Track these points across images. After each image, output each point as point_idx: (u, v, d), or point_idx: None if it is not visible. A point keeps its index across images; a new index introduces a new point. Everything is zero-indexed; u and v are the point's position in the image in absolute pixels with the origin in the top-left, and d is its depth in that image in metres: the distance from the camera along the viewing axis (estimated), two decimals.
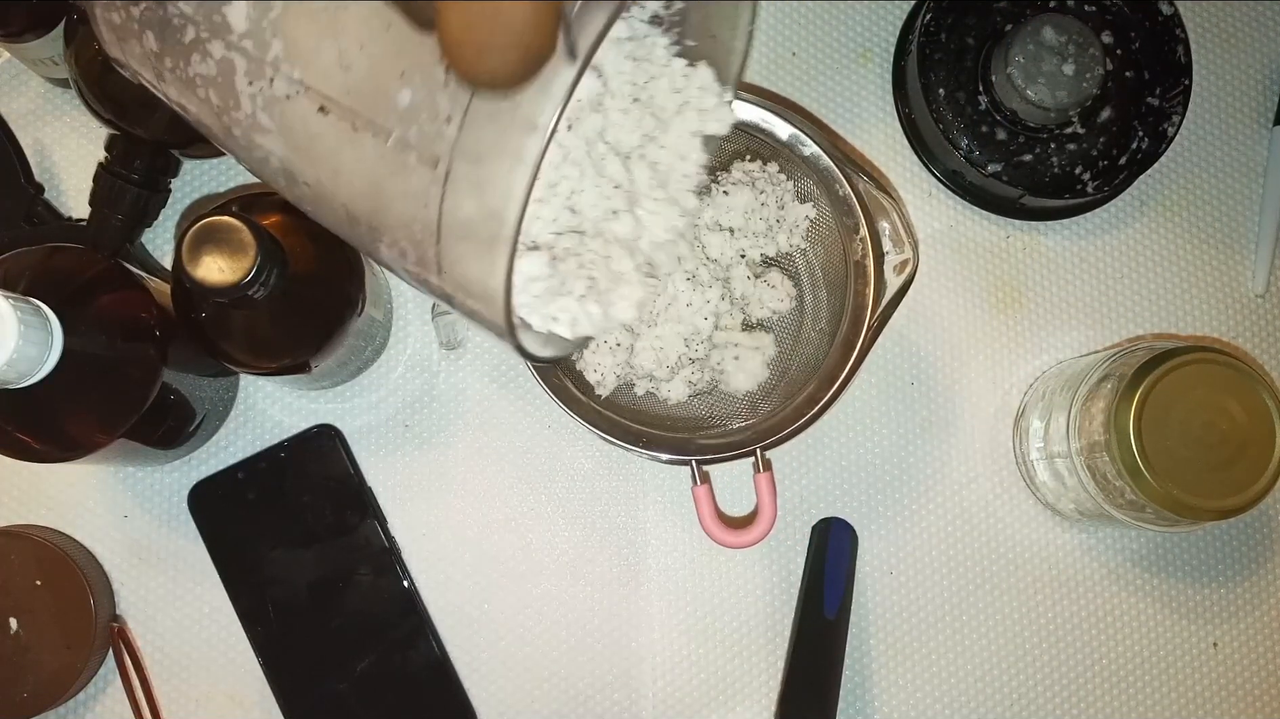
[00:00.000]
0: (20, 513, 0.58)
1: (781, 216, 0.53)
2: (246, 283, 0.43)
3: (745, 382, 0.54)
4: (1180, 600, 0.61)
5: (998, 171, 0.60)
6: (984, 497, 0.61)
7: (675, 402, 0.54)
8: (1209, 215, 0.64)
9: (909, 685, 0.59)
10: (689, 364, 0.53)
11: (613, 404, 0.54)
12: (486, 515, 0.59)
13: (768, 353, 0.54)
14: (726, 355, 0.54)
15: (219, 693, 0.57)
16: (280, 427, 0.59)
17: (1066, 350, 0.62)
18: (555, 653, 0.58)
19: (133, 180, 0.55)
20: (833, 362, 0.51)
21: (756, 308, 0.55)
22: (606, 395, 0.53)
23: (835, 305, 0.54)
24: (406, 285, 0.60)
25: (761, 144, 0.53)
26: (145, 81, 0.40)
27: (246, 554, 0.57)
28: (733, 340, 0.54)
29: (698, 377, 0.54)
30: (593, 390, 0.53)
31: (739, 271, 0.54)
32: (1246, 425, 0.52)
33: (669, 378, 0.53)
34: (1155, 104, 0.61)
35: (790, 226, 0.54)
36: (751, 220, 0.52)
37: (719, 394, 0.56)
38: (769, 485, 0.51)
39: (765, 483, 0.51)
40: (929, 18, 0.61)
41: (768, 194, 0.53)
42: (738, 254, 0.53)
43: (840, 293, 0.54)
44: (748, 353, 0.54)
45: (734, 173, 0.53)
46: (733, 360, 0.54)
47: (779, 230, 0.54)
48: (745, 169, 0.53)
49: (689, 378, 0.54)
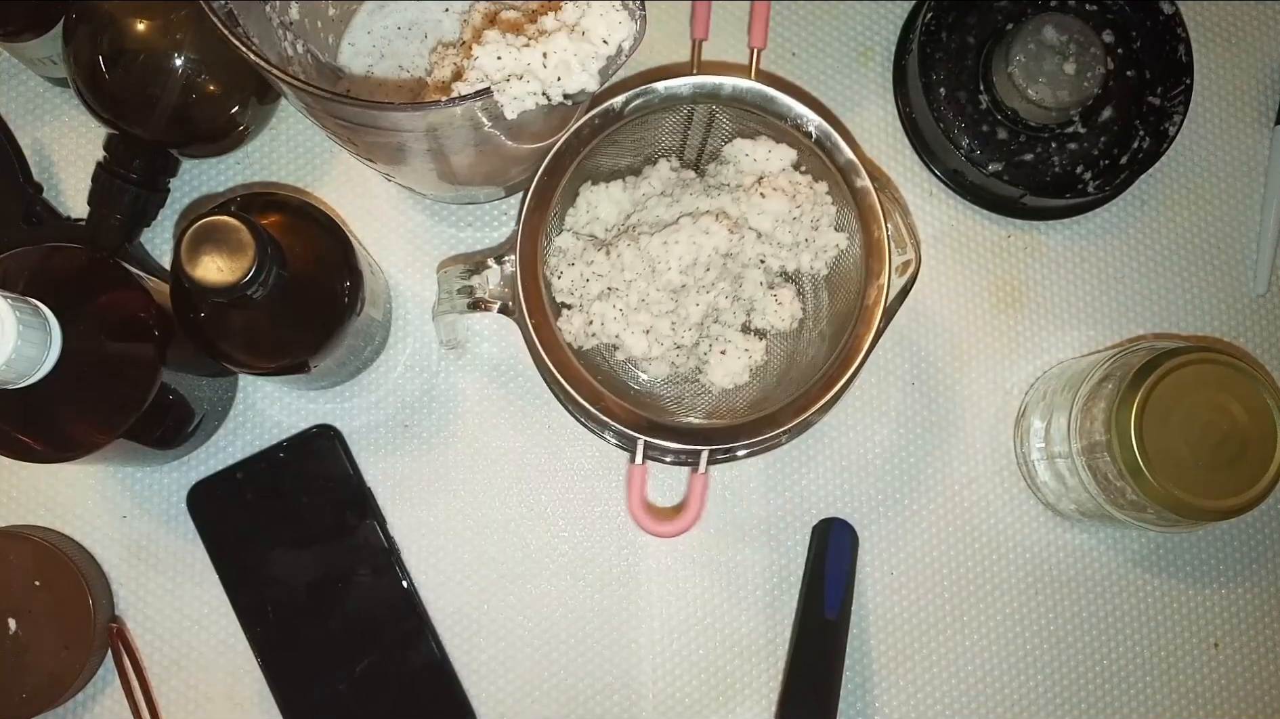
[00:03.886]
0: (19, 513, 0.58)
1: (813, 237, 0.53)
2: (245, 283, 0.43)
3: (723, 379, 0.54)
4: (1181, 601, 0.60)
5: (999, 171, 0.60)
6: (985, 497, 0.61)
7: (652, 379, 0.54)
8: (1210, 215, 0.64)
9: (910, 686, 0.59)
10: (675, 349, 0.53)
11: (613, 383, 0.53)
12: (486, 515, 0.59)
13: (755, 358, 0.54)
14: (714, 348, 0.54)
15: (218, 693, 0.57)
16: (279, 427, 0.59)
17: (1067, 350, 0.62)
18: (555, 653, 0.58)
19: (131, 180, 0.55)
20: (834, 363, 0.51)
21: (759, 317, 0.55)
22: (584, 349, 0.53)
23: (837, 306, 0.54)
24: (406, 286, 0.60)
25: (819, 163, 0.52)
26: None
27: (245, 554, 0.57)
28: (726, 336, 0.54)
29: (681, 360, 0.54)
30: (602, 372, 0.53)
31: (754, 275, 0.53)
32: (1248, 425, 0.52)
33: (659, 356, 0.53)
34: (1156, 103, 0.61)
35: (817, 250, 0.53)
36: (780, 230, 0.52)
37: (697, 383, 0.55)
38: (702, 485, 0.51)
39: (699, 483, 0.51)
40: (930, 17, 0.60)
41: (804, 210, 0.52)
42: (758, 258, 0.53)
43: (842, 294, 0.54)
44: (735, 352, 0.54)
45: (780, 178, 0.53)
46: (718, 355, 0.54)
47: (805, 250, 0.53)
48: (793, 178, 0.53)
49: (673, 359, 0.53)
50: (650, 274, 0.50)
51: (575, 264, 0.51)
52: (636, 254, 0.50)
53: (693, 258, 0.50)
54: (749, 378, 0.54)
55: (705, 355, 0.54)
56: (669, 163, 0.55)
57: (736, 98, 0.51)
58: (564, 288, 0.52)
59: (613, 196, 0.53)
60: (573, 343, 0.51)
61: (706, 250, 0.50)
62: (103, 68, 0.53)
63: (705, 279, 0.51)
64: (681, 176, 0.55)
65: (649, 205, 0.53)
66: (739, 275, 0.53)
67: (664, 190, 0.54)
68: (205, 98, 0.55)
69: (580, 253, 0.52)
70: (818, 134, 0.51)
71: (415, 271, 0.61)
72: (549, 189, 0.51)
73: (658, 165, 0.54)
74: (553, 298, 0.52)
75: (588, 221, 0.53)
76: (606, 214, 0.53)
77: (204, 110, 0.55)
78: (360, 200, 0.61)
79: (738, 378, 0.54)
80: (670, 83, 0.51)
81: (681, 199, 0.52)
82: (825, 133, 0.51)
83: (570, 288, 0.51)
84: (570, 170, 0.51)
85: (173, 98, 0.54)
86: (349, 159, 0.61)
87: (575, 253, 0.52)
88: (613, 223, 0.53)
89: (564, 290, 0.52)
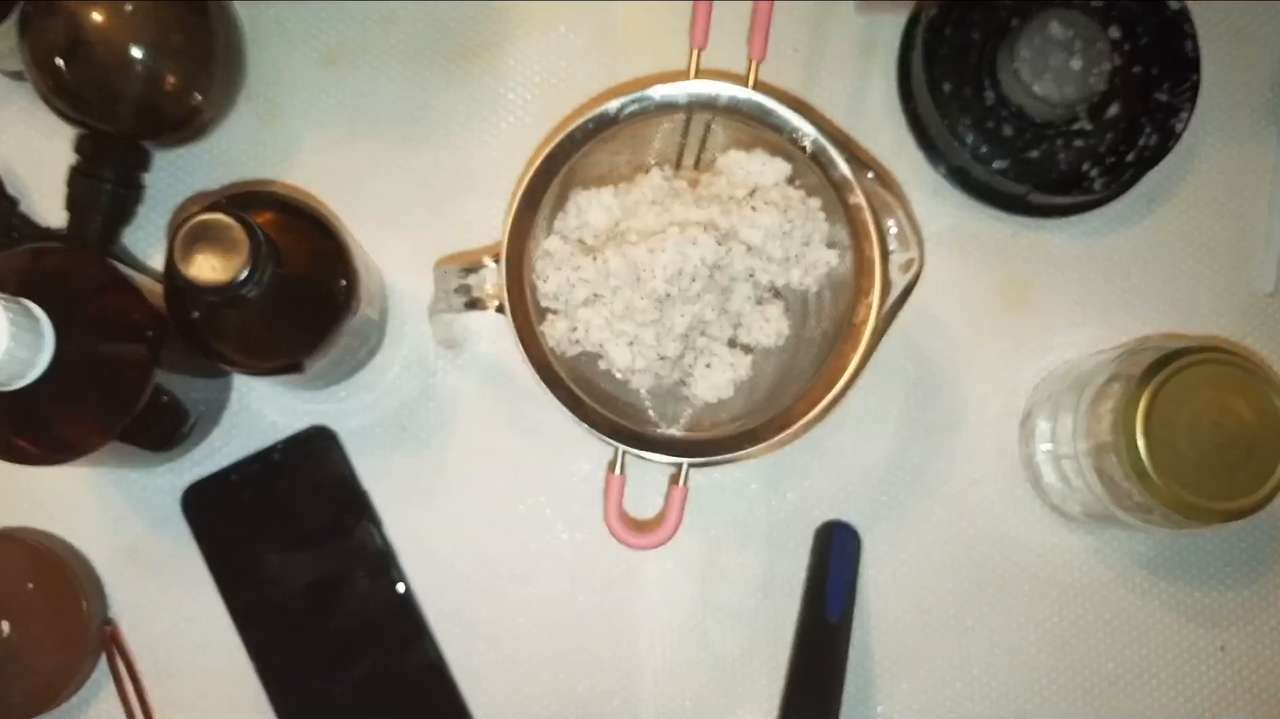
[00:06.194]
0: (11, 515, 0.57)
1: (804, 253, 0.53)
2: (239, 281, 0.43)
3: (708, 392, 0.53)
4: (1188, 603, 0.60)
5: (1004, 168, 0.59)
6: (989, 498, 0.60)
7: (636, 390, 0.54)
8: (1218, 212, 0.63)
9: (913, 689, 0.59)
10: (659, 360, 0.52)
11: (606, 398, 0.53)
12: (484, 517, 0.59)
13: (740, 373, 0.54)
14: (700, 361, 0.53)
15: (213, 696, 0.57)
16: (275, 428, 0.58)
17: (1073, 350, 0.62)
18: (554, 656, 0.58)
19: (106, 179, 0.55)
20: (819, 381, 0.50)
21: (745, 332, 0.54)
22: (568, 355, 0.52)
23: (825, 324, 0.53)
24: (402, 285, 0.60)
25: (814, 178, 0.52)
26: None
27: (241, 556, 0.57)
28: (712, 349, 0.54)
29: (666, 372, 0.53)
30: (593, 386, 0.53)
31: (743, 289, 0.53)
32: (1255, 426, 0.51)
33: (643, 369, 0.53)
34: (1163, 100, 0.60)
35: (808, 265, 0.53)
36: (770, 244, 0.51)
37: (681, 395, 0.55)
38: (681, 498, 0.51)
39: (679, 495, 0.51)
40: (934, 13, 0.60)
41: (796, 225, 0.52)
42: (747, 271, 0.52)
43: (831, 312, 0.53)
44: (721, 365, 0.53)
45: (772, 192, 0.52)
46: (704, 368, 0.53)
47: (795, 265, 0.53)
48: (786, 193, 0.52)
49: (657, 370, 0.53)
50: (635, 282, 0.50)
51: (562, 269, 0.51)
52: (622, 261, 0.50)
53: (678, 268, 0.49)
54: (733, 392, 0.54)
55: (690, 368, 0.53)
56: (661, 171, 0.54)
57: (733, 107, 0.51)
58: (549, 292, 0.51)
59: (603, 202, 0.53)
60: (556, 348, 0.51)
61: (693, 261, 0.49)
62: (62, 64, 0.52)
63: (691, 290, 0.50)
64: (673, 185, 0.54)
65: (639, 213, 0.53)
66: (727, 288, 0.52)
67: (654, 198, 0.53)
68: (168, 84, 0.54)
69: (567, 257, 0.51)
70: (814, 148, 0.51)
71: (411, 270, 0.60)
72: (539, 190, 0.51)
73: (650, 173, 0.54)
74: (537, 302, 0.52)
75: (577, 226, 0.53)
76: (596, 219, 0.53)
77: (170, 96, 0.55)
78: (356, 198, 0.60)
79: (722, 392, 0.53)
80: (666, 89, 0.51)
81: (672, 208, 0.52)
82: (821, 147, 0.51)
83: (556, 292, 0.51)
84: (562, 173, 0.51)
85: (137, 86, 0.53)
86: (345, 156, 0.61)
87: (563, 257, 0.51)
88: (602, 228, 0.53)
89: (549, 295, 0.51)
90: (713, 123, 0.53)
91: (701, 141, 0.55)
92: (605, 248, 0.51)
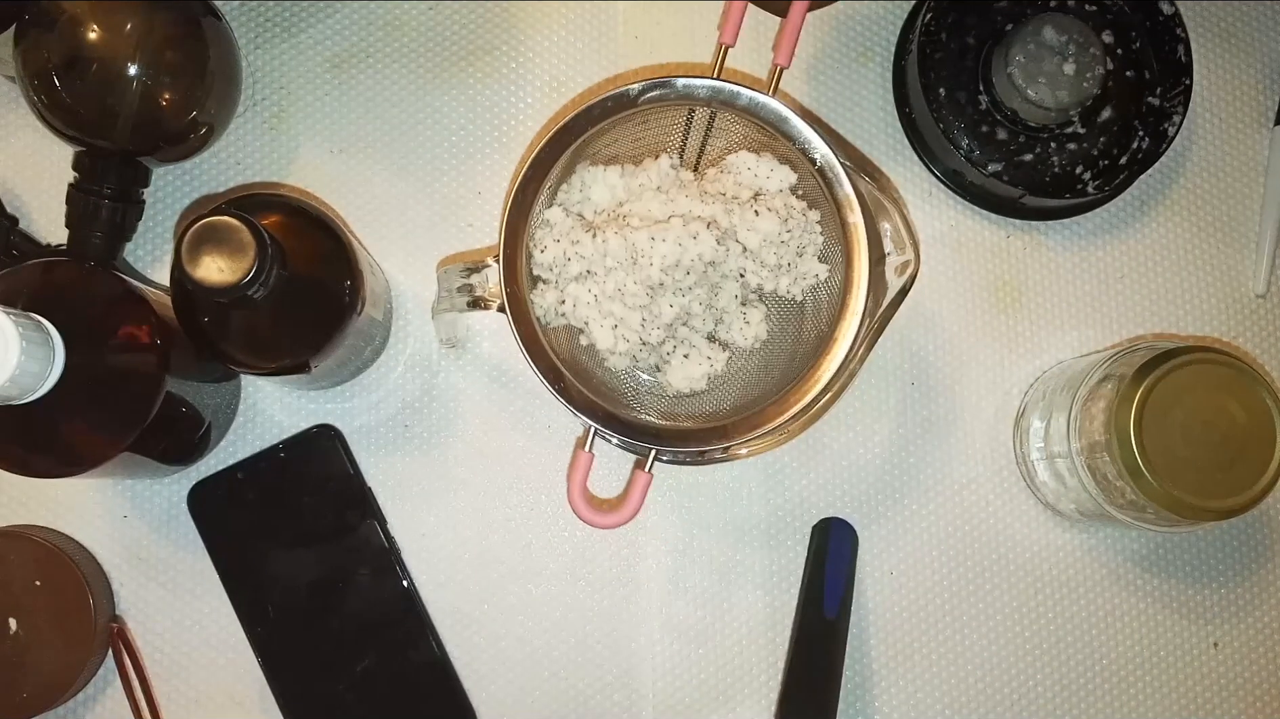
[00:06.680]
0: (19, 513, 0.58)
1: (796, 262, 0.53)
2: (246, 283, 0.43)
3: (681, 382, 0.54)
4: (1181, 600, 0.61)
5: (998, 171, 0.60)
6: (984, 497, 0.61)
7: (615, 370, 0.54)
8: (1209, 215, 0.64)
9: (909, 686, 0.59)
10: (641, 345, 0.53)
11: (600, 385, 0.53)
12: (486, 515, 0.59)
13: (716, 367, 0.54)
14: (678, 350, 0.54)
15: (218, 693, 0.57)
16: (280, 427, 0.59)
17: (1067, 350, 0.62)
18: (555, 653, 0.58)
19: (106, 195, 0.55)
20: (794, 389, 0.51)
21: (724, 330, 0.55)
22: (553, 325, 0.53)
23: (835, 309, 0.54)
24: (406, 285, 0.60)
25: (817, 191, 0.52)
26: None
27: (246, 554, 0.57)
28: (691, 340, 0.54)
29: (644, 356, 0.54)
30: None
31: (730, 287, 0.53)
32: (1247, 426, 0.52)
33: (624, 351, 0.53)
34: (1156, 104, 0.61)
35: (797, 275, 0.53)
36: (765, 250, 0.52)
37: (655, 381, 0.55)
38: (644, 483, 0.51)
39: (642, 480, 0.51)
40: (929, 17, 0.61)
41: (793, 234, 0.52)
42: (738, 271, 0.53)
43: (814, 323, 0.53)
44: (698, 358, 0.54)
45: (776, 199, 0.52)
46: (681, 358, 0.54)
47: (785, 274, 0.53)
48: (788, 201, 0.52)
49: (635, 354, 0.53)
50: (631, 266, 0.50)
51: (560, 241, 0.51)
52: (621, 243, 0.50)
53: (676, 259, 0.50)
54: (706, 385, 0.54)
55: (668, 356, 0.54)
56: (669, 159, 0.55)
57: (751, 110, 0.51)
58: (544, 262, 0.51)
59: (609, 181, 0.53)
60: (541, 318, 0.51)
61: (691, 255, 0.50)
62: (57, 82, 0.52)
63: (684, 282, 0.51)
64: (680, 176, 0.55)
65: (643, 197, 0.53)
66: (716, 285, 0.53)
67: (660, 185, 0.54)
68: (165, 100, 0.55)
69: (567, 230, 0.52)
70: (822, 163, 0.51)
71: (415, 271, 0.61)
72: (549, 161, 0.51)
73: (659, 159, 0.54)
74: (531, 270, 0.52)
75: (580, 200, 0.53)
76: (599, 197, 0.53)
77: (166, 113, 0.55)
78: (360, 200, 0.61)
79: (695, 384, 0.54)
80: (689, 80, 0.51)
81: (676, 199, 0.52)
82: (830, 163, 0.51)
83: (551, 263, 0.51)
84: (573, 147, 0.51)
85: (133, 104, 0.53)
86: (350, 159, 0.61)
87: (562, 229, 0.52)
88: (603, 206, 0.53)
89: (543, 265, 0.51)
90: (728, 122, 0.53)
91: (700, 146, 0.56)
92: (606, 227, 0.51)
